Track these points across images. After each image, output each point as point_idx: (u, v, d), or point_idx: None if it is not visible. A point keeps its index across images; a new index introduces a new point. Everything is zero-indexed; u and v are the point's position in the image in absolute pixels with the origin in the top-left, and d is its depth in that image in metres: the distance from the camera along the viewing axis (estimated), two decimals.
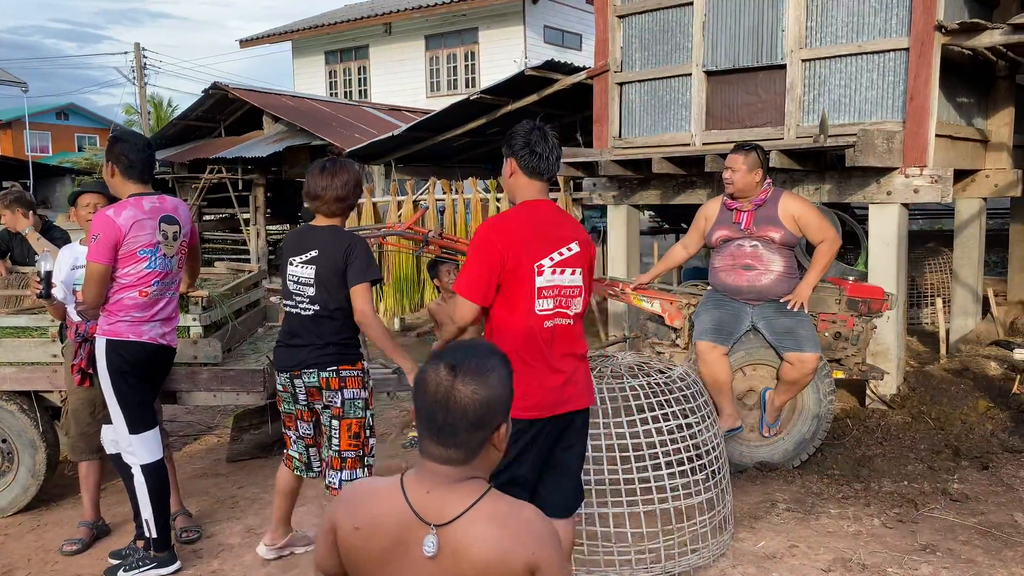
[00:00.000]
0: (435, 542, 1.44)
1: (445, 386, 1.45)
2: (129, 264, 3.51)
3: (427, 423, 1.47)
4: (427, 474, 1.49)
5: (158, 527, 3.62)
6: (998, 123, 6.92)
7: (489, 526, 1.44)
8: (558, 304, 2.84)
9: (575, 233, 2.89)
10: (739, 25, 6.37)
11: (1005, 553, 3.71)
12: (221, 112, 14.59)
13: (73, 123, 39.49)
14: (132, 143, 3.64)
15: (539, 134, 2.89)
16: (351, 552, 1.50)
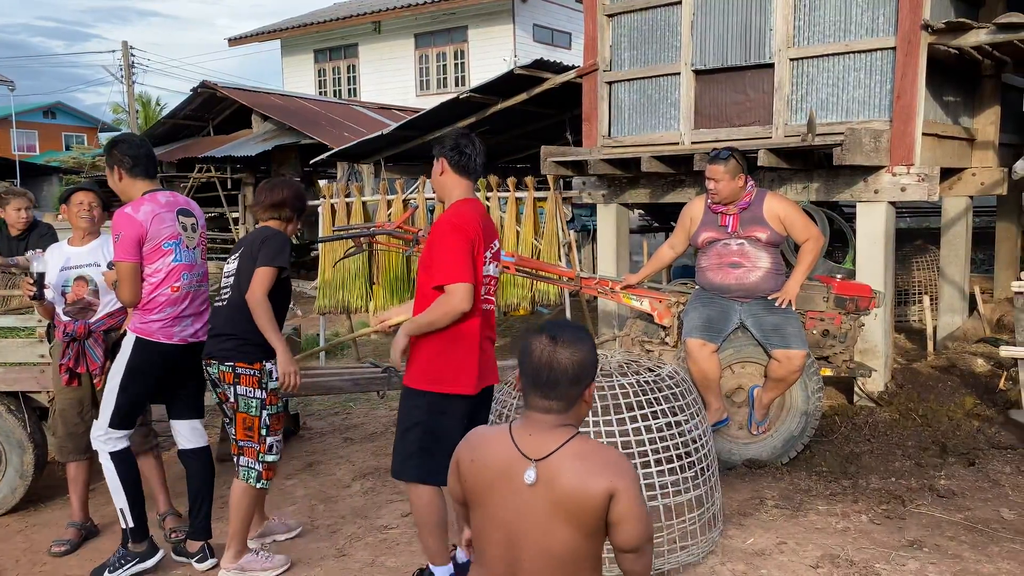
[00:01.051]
0: (534, 473, 1.79)
1: (548, 351, 1.82)
2: (156, 259, 3.53)
3: (533, 381, 1.84)
4: (530, 421, 1.86)
5: (134, 515, 3.63)
6: (984, 122, 6.97)
7: (574, 461, 1.78)
8: (488, 292, 3.24)
9: (495, 231, 3.34)
10: (727, 24, 6.39)
11: (991, 548, 3.74)
12: (210, 111, 14.54)
13: (60, 122, 39.27)
14: (130, 142, 3.68)
15: (467, 138, 3.28)
16: (468, 479, 1.90)
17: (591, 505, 1.73)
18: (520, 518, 1.78)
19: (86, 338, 3.93)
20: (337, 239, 7.14)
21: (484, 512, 1.86)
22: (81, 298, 4.01)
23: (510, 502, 1.80)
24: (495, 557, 1.83)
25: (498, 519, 1.82)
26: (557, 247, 7.18)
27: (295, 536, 4.07)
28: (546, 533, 1.75)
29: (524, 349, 1.87)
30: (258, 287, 3.39)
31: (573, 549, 1.74)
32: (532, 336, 1.87)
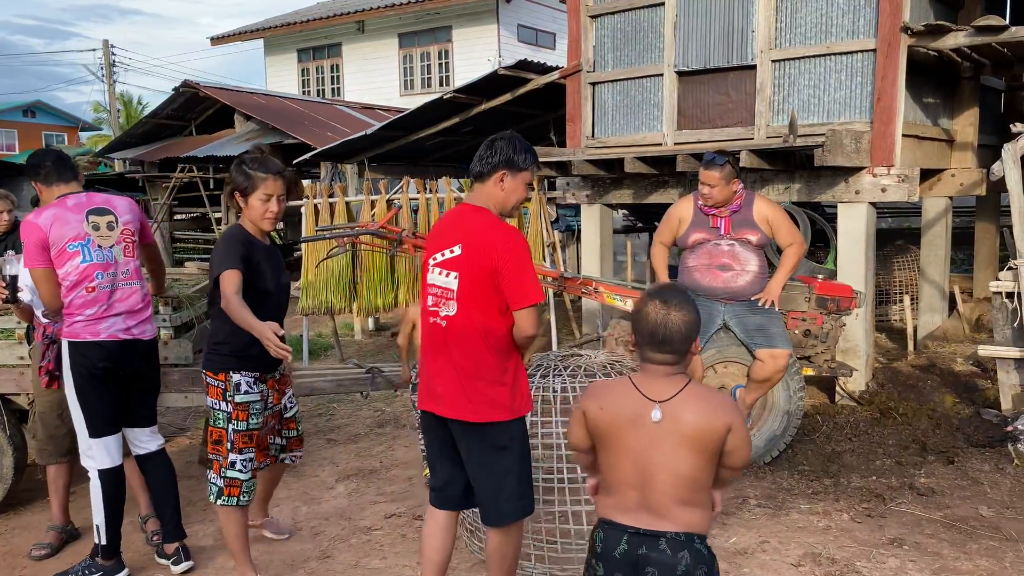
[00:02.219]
0: (659, 413, 2.13)
1: (663, 313, 2.16)
2: (65, 261, 3.50)
3: (649, 339, 2.17)
4: (649, 372, 2.20)
5: (108, 535, 3.59)
6: (963, 123, 7.04)
7: (696, 401, 2.15)
8: (434, 303, 2.96)
9: (456, 235, 2.94)
10: (710, 26, 6.42)
11: (970, 546, 3.78)
12: (192, 110, 14.44)
13: (40, 121, 38.92)
14: (38, 155, 3.74)
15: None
16: (598, 425, 2.21)
17: (715, 437, 2.13)
18: (650, 449, 2.14)
19: None
20: (320, 239, 7.12)
21: (615, 449, 2.20)
22: None
23: (640, 438, 2.16)
24: (627, 484, 2.19)
25: (630, 453, 2.17)
26: (541, 247, 7.19)
27: (283, 539, 4.06)
28: (674, 459, 2.13)
29: (639, 312, 2.21)
30: (225, 287, 3.16)
31: (697, 469, 2.14)
32: (645, 300, 2.21)
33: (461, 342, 2.87)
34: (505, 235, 2.84)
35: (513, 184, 2.93)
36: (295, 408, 3.80)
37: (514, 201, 2.97)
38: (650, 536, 2.13)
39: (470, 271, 2.85)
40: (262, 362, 3.39)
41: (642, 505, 2.16)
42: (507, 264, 2.79)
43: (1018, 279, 4.83)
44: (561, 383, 3.73)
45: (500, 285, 2.81)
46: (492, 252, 2.81)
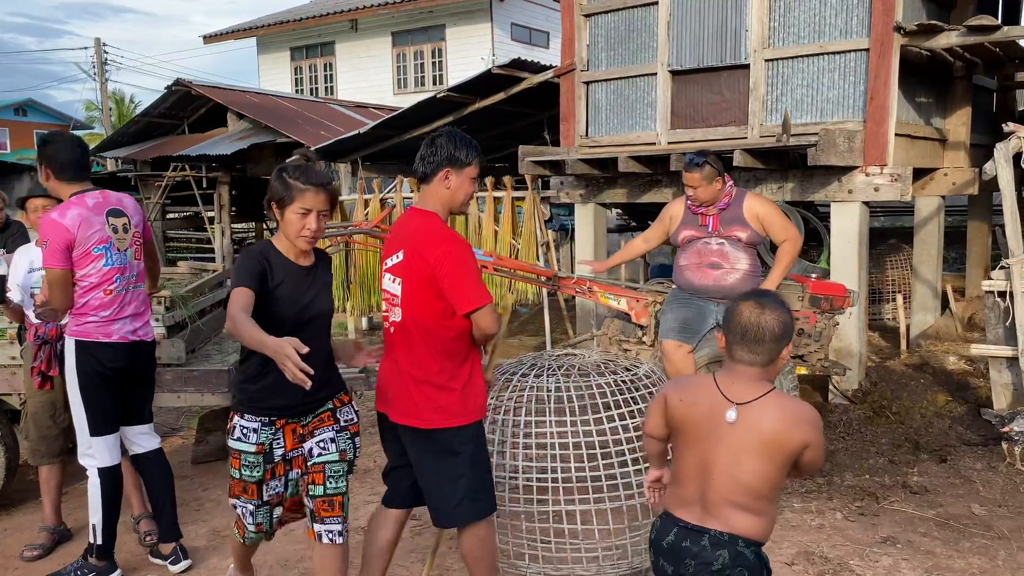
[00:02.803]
0: (735, 414, 2.16)
1: (756, 313, 2.17)
2: (87, 264, 3.46)
3: (740, 338, 2.18)
4: (734, 372, 2.22)
5: (104, 535, 3.57)
6: (955, 122, 7.06)
7: (777, 410, 2.15)
8: (386, 308, 3.00)
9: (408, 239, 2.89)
10: (703, 25, 6.43)
11: (963, 544, 3.80)
12: (184, 109, 14.38)
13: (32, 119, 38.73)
14: (61, 143, 3.55)
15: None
16: (676, 416, 2.28)
17: (788, 449, 2.14)
18: (717, 449, 2.17)
19: (58, 340, 3.87)
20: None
21: (686, 443, 2.27)
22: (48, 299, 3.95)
23: (710, 435, 2.19)
24: (689, 478, 2.24)
25: (698, 448, 2.22)
26: (535, 246, 7.19)
27: None
28: (737, 462, 2.15)
29: (732, 311, 2.23)
30: (229, 307, 2.66)
31: (759, 477, 2.14)
32: (740, 301, 2.24)
33: (407, 347, 2.87)
34: (442, 241, 2.78)
35: (458, 181, 2.88)
36: (328, 456, 2.97)
37: (462, 198, 2.93)
38: (696, 531, 2.20)
39: (410, 277, 2.83)
40: (279, 402, 2.84)
41: (698, 501, 2.21)
42: (444, 271, 2.75)
43: (1010, 278, 4.85)
44: (555, 383, 3.73)
45: (442, 291, 2.78)
46: (430, 259, 2.77)
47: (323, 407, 2.98)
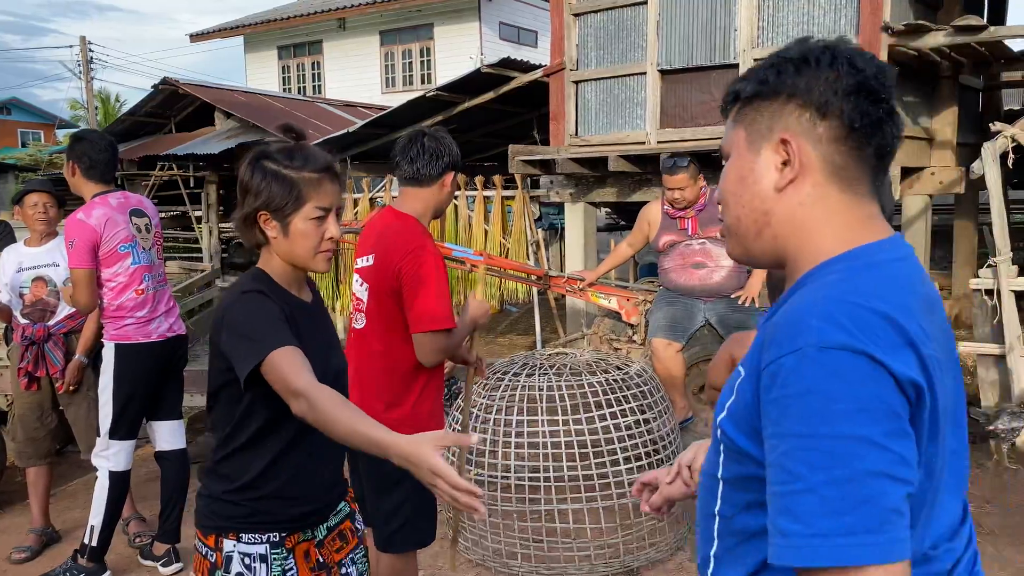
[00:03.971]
0: None
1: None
2: (115, 263, 3.46)
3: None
4: None
5: (101, 537, 3.56)
6: (942, 122, 7.10)
7: None
8: (353, 311, 2.81)
9: (374, 242, 2.69)
10: (692, 25, 6.45)
11: None
12: (171, 108, 14.31)
13: (16, 118, 38.41)
14: (95, 142, 3.56)
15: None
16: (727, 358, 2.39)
17: None
18: None
19: (45, 341, 3.85)
20: None
21: None
22: (40, 299, 3.93)
23: None
24: None
25: None
26: (525, 246, 7.19)
27: None
28: None
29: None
30: (298, 383, 1.70)
31: None
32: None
33: (363, 359, 2.66)
34: (413, 249, 2.55)
35: (454, 183, 2.76)
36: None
37: (449, 201, 2.80)
38: None
39: (378, 284, 2.62)
40: (297, 510, 1.90)
41: None
42: (407, 283, 2.53)
43: (997, 276, 4.89)
44: (547, 382, 3.73)
45: (403, 303, 2.55)
46: (397, 267, 2.55)
47: (340, 509, 2.03)
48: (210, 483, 1.90)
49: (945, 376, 1.00)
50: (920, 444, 0.95)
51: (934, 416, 0.97)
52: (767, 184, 1.10)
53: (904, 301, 0.99)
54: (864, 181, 1.08)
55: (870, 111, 1.05)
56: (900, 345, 0.94)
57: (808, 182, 1.07)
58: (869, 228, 1.07)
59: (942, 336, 1.05)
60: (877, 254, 1.05)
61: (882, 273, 1.03)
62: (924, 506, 1.00)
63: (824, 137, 1.05)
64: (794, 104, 1.07)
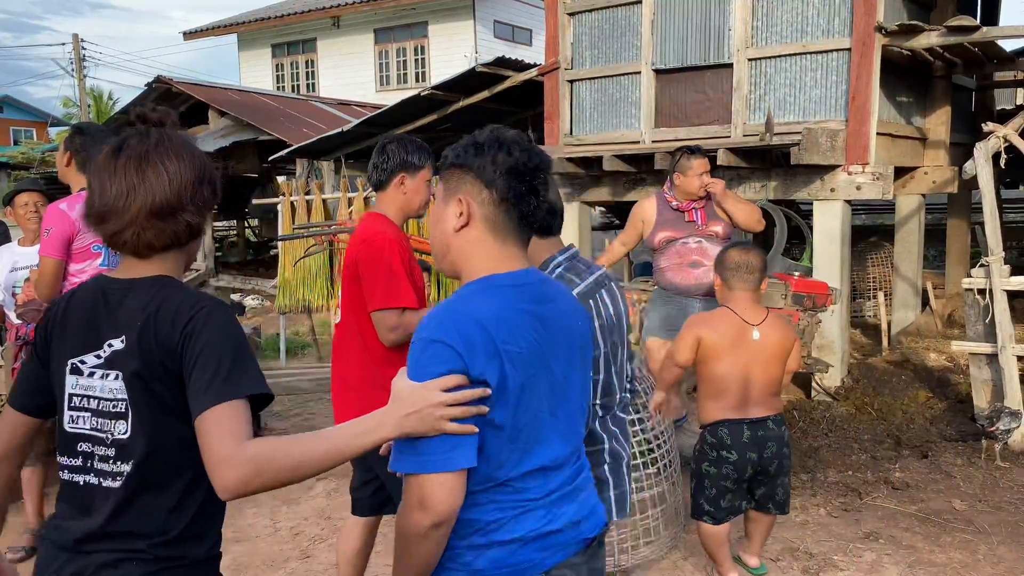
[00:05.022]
0: (758, 333, 3.12)
1: (744, 252, 3.16)
2: (84, 260, 3.44)
3: (735, 271, 3.14)
4: (739, 302, 3.17)
5: None
6: (935, 122, 7.13)
7: (778, 324, 3.19)
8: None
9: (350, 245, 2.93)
10: (687, 24, 6.45)
11: (944, 539, 3.84)
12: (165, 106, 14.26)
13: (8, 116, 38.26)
14: (95, 137, 3.53)
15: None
16: (711, 346, 3.12)
17: (787, 348, 3.19)
18: (752, 361, 3.06)
19: None
20: (298, 237, 7.07)
21: (727, 362, 3.10)
22: (33, 299, 3.91)
23: (743, 352, 3.07)
24: (733, 390, 3.10)
25: (736, 365, 3.07)
26: None
27: None
28: (768, 368, 3.11)
29: (724, 256, 3.20)
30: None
31: (780, 372, 3.19)
32: (727, 249, 3.23)
33: (341, 351, 2.88)
34: (367, 237, 2.78)
35: (414, 185, 2.89)
36: None
37: (418, 202, 2.93)
38: (759, 421, 3.12)
39: (345, 275, 2.86)
40: None
41: (746, 402, 3.11)
42: (362, 267, 2.74)
43: (990, 276, 4.91)
44: None
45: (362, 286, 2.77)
46: (354, 253, 2.78)
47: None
48: (186, 549, 1.56)
49: (534, 365, 1.52)
50: (505, 407, 1.47)
51: (515, 390, 1.48)
52: (450, 226, 1.59)
53: (500, 313, 1.50)
54: (511, 233, 1.59)
55: (517, 187, 1.56)
56: (482, 343, 1.45)
57: (474, 229, 1.58)
58: (507, 264, 1.59)
59: (542, 339, 1.55)
60: (500, 280, 1.56)
61: (494, 293, 1.54)
62: (515, 450, 1.51)
63: (486, 201, 1.57)
64: (471, 175, 1.57)
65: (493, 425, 1.46)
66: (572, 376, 1.64)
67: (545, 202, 1.60)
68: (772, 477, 3.21)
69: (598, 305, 2.06)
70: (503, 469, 1.50)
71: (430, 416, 1.41)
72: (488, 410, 1.45)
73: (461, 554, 1.51)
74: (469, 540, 1.51)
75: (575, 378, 1.65)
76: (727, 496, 3.22)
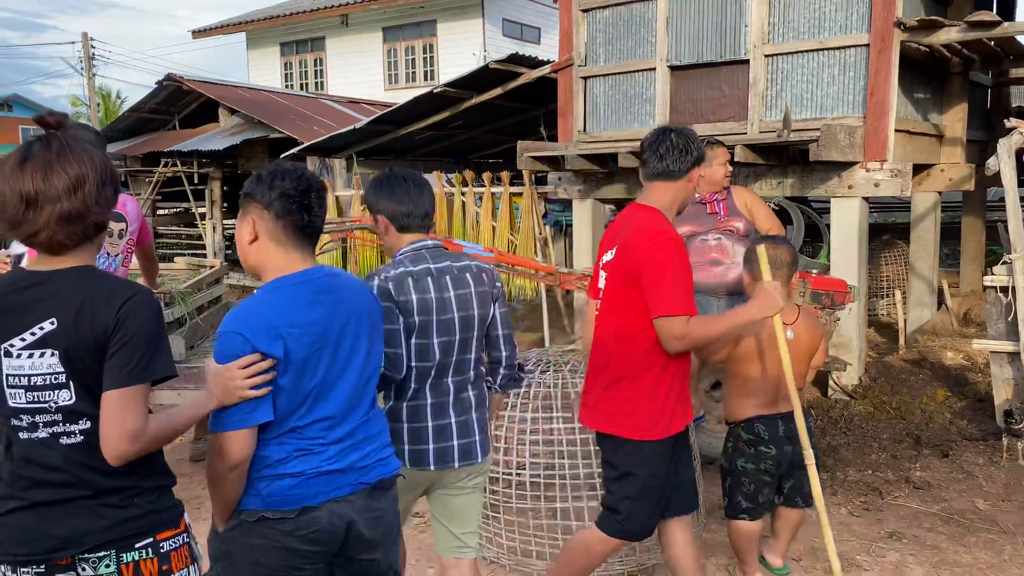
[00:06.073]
0: (792, 333, 3.11)
1: (773, 247, 3.13)
2: None
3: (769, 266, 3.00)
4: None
5: None
6: (952, 118, 7.07)
7: (808, 324, 3.26)
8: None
9: (619, 239, 2.83)
10: (703, 20, 6.41)
11: (968, 539, 3.80)
12: (175, 104, 14.28)
13: (17, 114, 38.40)
14: (82, 136, 3.53)
15: None
16: (748, 345, 3.14)
17: (816, 347, 3.28)
18: (781, 359, 3.00)
19: None
20: None
21: (763, 362, 3.14)
22: None
23: (776, 351, 3.01)
24: (768, 388, 3.16)
25: (773, 364, 3.09)
26: (533, 242, 7.16)
27: None
28: (797, 365, 3.10)
29: (751, 251, 3.13)
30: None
31: (807, 369, 3.29)
32: (756, 244, 3.12)
33: (607, 349, 2.81)
34: (652, 235, 2.67)
35: (697, 178, 2.86)
36: None
37: (691, 195, 2.91)
38: (789, 415, 3.10)
39: (615, 273, 2.77)
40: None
41: (777, 398, 3.16)
42: (645, 269, 2.64)
43: (1012, 273, 4.86)
44: (560, 379, 3.71)
45: (644, 289, 2.66)
46: (636, 254, 2.68)
47: None
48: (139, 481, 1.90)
49: (317, 342, 1.97)
50: (290, 374, 1.94)
51: (298, 361, 1.94)
52: (245, 241, 2.05)
53: (283, 305, 1.96)
54: (291, 242, 2.02)
55: (288, 207, 2.00)
56: (267, 329, 1.91)
57: (262, 242, 2.03)
58: (292, 267, 2.03)
59: (325, 321, 2.00)
60: (287, 280, 2.01)
61: (279, 293, 1.99)
62: (302, 406, 1.97)
63: (267, 219, 2.01)
64: (255, 202, 2.02)
65: (281, 387, 1.93)
66: (359, 347, 2.07)
67: (317, 216, 2.03)
68: (799, 469, 3.19)
69: (422, 287, 2.51)
70: (290, 419, 1.96)
71: (232, 389, 1.87)
72: (276, 376, 1.92)
73: (255, 483, 1.96)
74: (261, 473, 1.96)
75: (362, 349, 2.08)
76: (764, 491, 3.23)
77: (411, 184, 2.57)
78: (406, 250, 2.59)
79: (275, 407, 1.93)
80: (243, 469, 1.92)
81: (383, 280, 2.50)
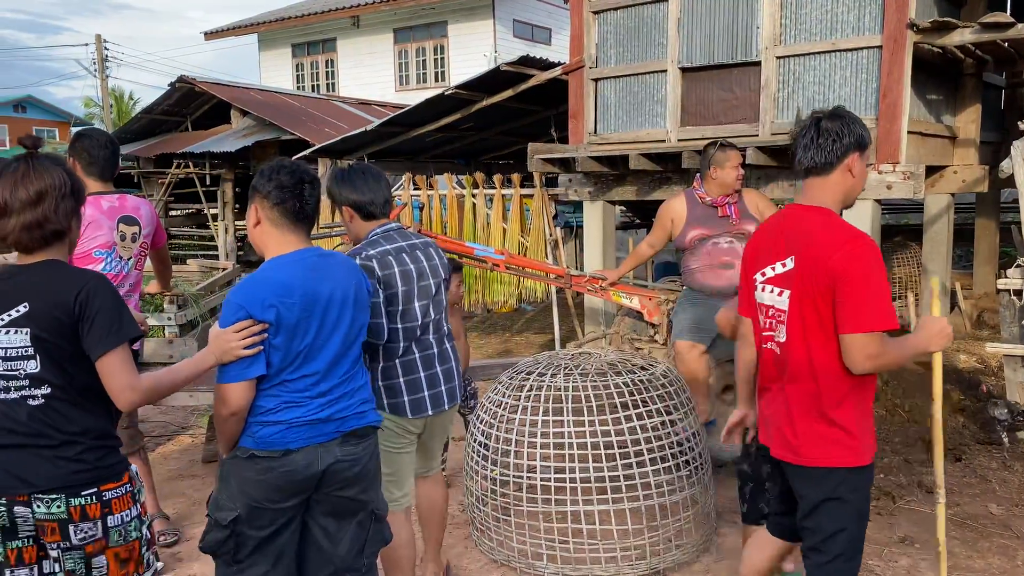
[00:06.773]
0: None
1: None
2: (84, 265, 3.44)
3: None
4: None
5: None
6: (965, 120, 7.02)
7: None
8: (767, 327, 2.58)
9: (794, 247, 2.45)
10: (714, 22, 6.40)
11: (981, 544, 3.78)
12: (188, 106, 14.36)
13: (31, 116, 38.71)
14: (96, 139, 3.60)
15: None
16: None
17: None
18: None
19: None
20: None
21: None
22: None
23: None
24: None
25: None
26: (544, 244, 7.16)
27: None
28: None
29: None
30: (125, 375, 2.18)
31: None
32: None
33: (796, 373, 2.45)
34: (847, 240, 2.33)
35: (861, 168, 2.44)
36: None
37: (861, 188, 2.49)
38: None
39: (805, 288, 2.37)
40: None
41: None
42: (844, 278, 2.29)
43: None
44: (572, 382, 3.71)
45: (837, 301, 2.31)
46: (829, 263, 2.31)
47: None
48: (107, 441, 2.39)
49: (306, 310, 2.35)
50: (282, 336, 2.32)
51: (288, 325, 2.32)
52: (251, 225, 2.45)
53: (278, 279, 2.35)
54: (288, 226, 2.41)
55: (282, 196, 2.38)
56: (262, 299, 2.30)
57: (263, 225, 2.43)
58: (288, 247, 2.42)
59: (314, 293, 2.37)
60: (281, 260, 2.40)
61: (278, 269, 2.38)
62: (293, 363, 2.36)
63: (267, 206, 2.40)
64: (258, 192, 2.41)
65: (274, 347, 2.32)
66: (344, 316, 2.44)
67: (308, 204, 2.40)
68: None
69: (401, 260, 2.93)
70: (282, 374, 2.36)
71: (229, 348, 2.27)
72: (269, 337, 2.30)
73: (251, 426, 2.36)
74: (257, 418, 2.35)
75: (346, 318, 2.45)
76: None
77: (369, 176, 2.98)
78: (378, 231, 2.96)
79: (270, 363, 2.33)
80: (241, 415, 2.33)
81: (366, 258, 2.83)
